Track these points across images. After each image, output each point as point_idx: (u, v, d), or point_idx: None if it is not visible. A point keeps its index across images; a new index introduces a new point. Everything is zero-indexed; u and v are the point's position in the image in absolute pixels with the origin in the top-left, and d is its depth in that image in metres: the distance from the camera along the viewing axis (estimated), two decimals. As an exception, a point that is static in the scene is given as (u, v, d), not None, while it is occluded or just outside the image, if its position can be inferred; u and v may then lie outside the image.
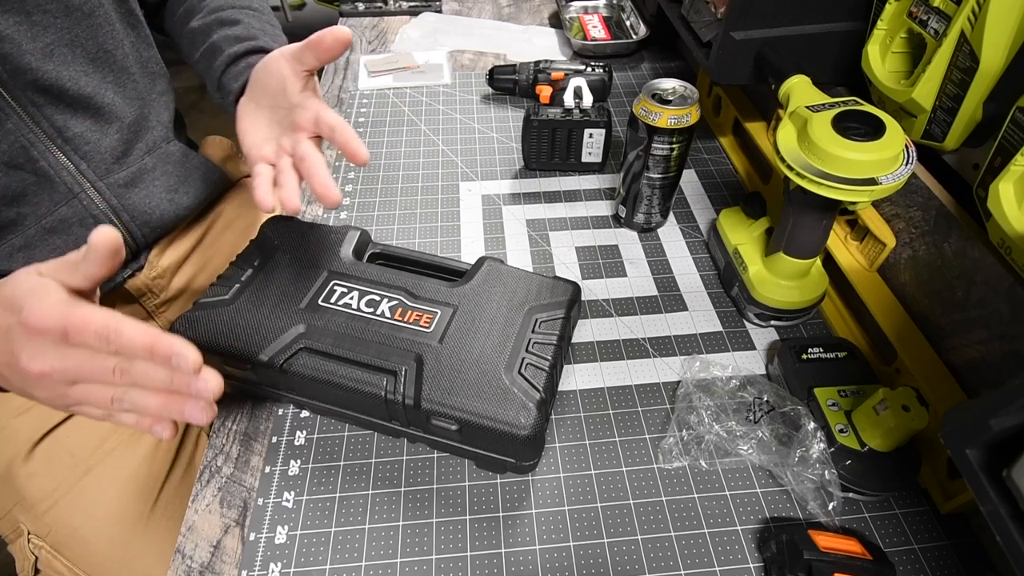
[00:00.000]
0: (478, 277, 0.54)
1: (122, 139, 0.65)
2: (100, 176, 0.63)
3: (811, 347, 0.55)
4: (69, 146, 0.60)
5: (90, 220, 0.62)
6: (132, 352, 0.37)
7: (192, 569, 0.47)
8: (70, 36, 0.59)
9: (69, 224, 0.61)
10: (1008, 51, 0.45)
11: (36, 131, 0.58)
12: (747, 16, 0.61)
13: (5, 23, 0.54)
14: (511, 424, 0.44)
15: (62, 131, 0.59)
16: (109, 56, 0.63)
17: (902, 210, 0.56)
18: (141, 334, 0.37)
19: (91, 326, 0.37)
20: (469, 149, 0.85)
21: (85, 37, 0.60)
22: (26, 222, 0.59)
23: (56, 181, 0.60)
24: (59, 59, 0.58)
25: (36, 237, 0.60)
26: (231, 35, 0.65)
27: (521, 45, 1.08)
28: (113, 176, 0.64)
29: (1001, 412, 0.30)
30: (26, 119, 0.57)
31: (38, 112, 0.57)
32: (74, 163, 0.61)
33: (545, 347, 0.49)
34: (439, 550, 0.47)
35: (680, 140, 0.63)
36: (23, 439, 0.62)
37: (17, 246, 0.59)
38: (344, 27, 0.49)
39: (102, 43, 0.62)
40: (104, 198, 0.63)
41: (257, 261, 0.55)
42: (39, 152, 0.58)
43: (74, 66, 0.59)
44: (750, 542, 0.47)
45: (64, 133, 0.60)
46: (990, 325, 0.47)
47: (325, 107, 0.53)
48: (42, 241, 0.60)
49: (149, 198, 0.67)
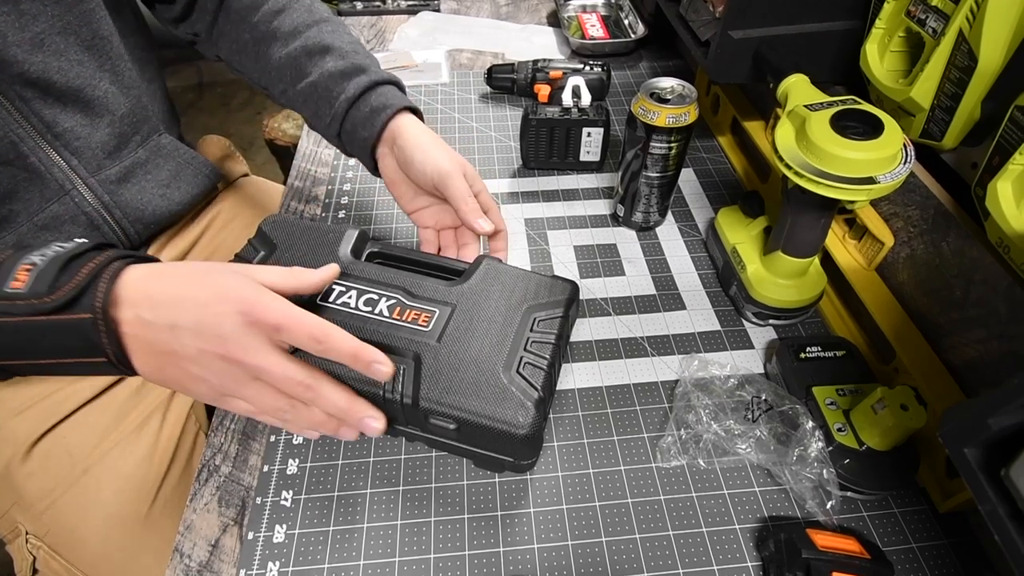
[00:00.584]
0: (476, 276, 0.53)
1: (114, 133, 0.64)
2: (91, 172, 0.62)
3: (809, 346, 0.55)
4: (59, 142, 0.59)
5: (82, 217, 0.62)
6: (339, 355, 0.41)
7: (191, 568, 0.47)
8: (62, 23, 0.57)
9: (61, 221, 0.61)
10: (1006, 50, 0.45)
11: (25, 126, 0.57)
12: (745, 15, 0.61)
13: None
14: (509, 423, 0.44)
15: (51, 126, 0.59)
16: (105, 43, 0.61)
17: (900, 209, 0.56)
18: (348, 340, 0.41)
19: (305, 327, 0.40)
20: (467, 148, 0.85)
21: (79, 24, 0.59)
22: (18, 219, 0.59)
23: (47, 178, 0.59)
24: (50, 48, 0.57)
25: (28, 234, 0.59)
26: (335, 72, 0.60)
27: (519, 44, 1.08)
28: (104, 172, 0.63)
29: (999, 411, 0.30)
30: (14, 113, 0.56)
31: (26, 106, 0.56)
32: (64, 159, 0.60)
33: (543, 346, 0.49)
34: (437, 549, 0.47)
35: (678, 139, 0.63)
36: (21, 439, 0.62)
37: (9, 244, 0.58)
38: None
39: (96, 29, 0.60)
40: (96, 195, 0.63)
41: (255, 260, 0.55)
42: (29, 148, 0.57)
43: (68, 55, 0.58)
44: (748, 541, 0.47)
45: (54, 128, 0.59)
46: (988, 324, 0.47)
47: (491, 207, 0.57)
48: (34, 238, 0.59)
49: (141, 194, 0.67)
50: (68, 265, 0.40)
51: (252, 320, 0.39)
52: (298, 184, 0.80)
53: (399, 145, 0.57)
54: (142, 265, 0.41)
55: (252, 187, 0.87)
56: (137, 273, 0.40)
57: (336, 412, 0.43)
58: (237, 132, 2.44)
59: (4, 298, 0.38)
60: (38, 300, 0.38)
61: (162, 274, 0.41)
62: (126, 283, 0.40)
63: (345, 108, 0.59)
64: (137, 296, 0.39)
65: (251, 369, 0.40)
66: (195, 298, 0.40)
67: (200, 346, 0.39)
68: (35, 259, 0.40)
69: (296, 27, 0.63)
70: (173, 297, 0.40)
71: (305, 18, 0.64)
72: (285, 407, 0.42)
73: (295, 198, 0.78)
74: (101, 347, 0.39)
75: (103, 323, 0.38)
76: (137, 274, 0.40)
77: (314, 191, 0.79)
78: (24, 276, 0.39)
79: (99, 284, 0.39)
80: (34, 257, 0.40)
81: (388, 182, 0.61)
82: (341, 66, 0.60)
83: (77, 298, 0.38)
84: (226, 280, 0.41)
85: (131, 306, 0.39)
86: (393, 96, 0.59)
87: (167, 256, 0.73)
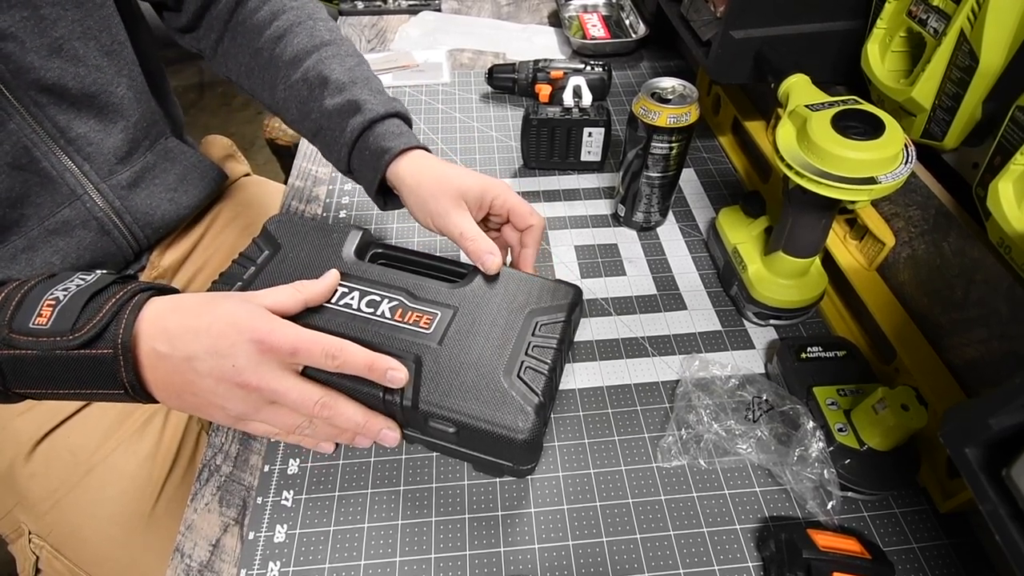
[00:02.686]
0: (479, 279, 0.53)
1: (127, 138, 0.64)
2: (103, 177, 0.62)
3: (810, 346, 0.55)
4: (72, 147, 0.60)
5: (92, 222, 0.62)
6: (355, 367, 0.43)
7: (191, 568, 0.47)
8: (82, 28, 0.57)
9: (72, 226, 0.61)
10: (1008, 50, 0.44)
11: (39, 131, 0.57)
12: (746, 15, 0.61)
13: (10, 20, 0.52)
14: (508, 428, 0.44)
15: (65, 131, 0.59)
16: (123, 48, 0.62)
17: (901, 209, 0.56)
18: (362, 352, 0.44)
19: (319, 345, 0.42)
20: (468, 148, 0.85)
21: (99, 28, 0.59)
22: (28, 223, 0.59)
23: (59, 182, 0.59)
24: (68, 54, 0.57)
25: (39, 238, 0.59)
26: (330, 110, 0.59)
27: (520, 44, 1.08)
28: (116, 177, 0.63)
29: (1000, 411, 0.30)
30: (28, 119, 0.56)
31: (40, 112, 0.57)
32: (76, 164, 0.60)
33: (545, 351, 0.49)
34: (438, 549, 0.47)
35: (679, 139, 0.63)
36: (24, 439, 0.62)
37: (20, 247, 0.58)
38: None
39: (115, 35, 0.61)
40: (107, 200, 0.63)
41: (260, 259, 0.55)
42: (41, 153, 0.57)
43: (86, 61, 0.58)
44: (749, 541, 0.47)
45: (67, 133, 0.59)
46: (989, 324, 0.47)
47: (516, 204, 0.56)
48: (44, 242, 0.59)
49: (150, 199, 0.67)
50: (90, 302, 0.41)
51: (266, 348, 0.41)
52: (299, 184, 0.80)
53: (402, 194, 0.57)
54: (162, 298, 0.43)
55: (253, 187, 0.87)
56: (156, 308, 0.42)
57: (353, 427, 0.46)
58: (238, 132, 2.44)
59: (29, 334, 0.40)
60: (61, 337, 0.40)
61: (178, 307, 0.43)
62: (145, 318, 0.42)
63: (347, 152, 0.58)
64: (154, 330, 0.41)
65: (268, 394, 0.42)
66: (208, 329, 0.41)
67: (217, 376, 0.41)
68: (59, 294, 0.41)
69: (297, 55, 0.61)
70: (188, 329, 0.41)
71: (306, 44, 0.62)
72: (304, 425, 0.45)
73: (296, 198, 0.78)
74: (120, 380, 0.41)
75: (123, 358, 0.40)
76: (155, 309, 0.42)
77: (315, 191, 0.79)
78: (48, 312, 0.40)
79: (120, 320, 0.41)
80: (58, 292, 0.41)
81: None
82: (338, 103, 0.58)
83: (99, 335, 0.40)
84: (236, 310, 0.42)
85: (148, 339, 0.41)
86: (390, 138, 0.57)
87: (171, 257, 0.73)
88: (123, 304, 0.42)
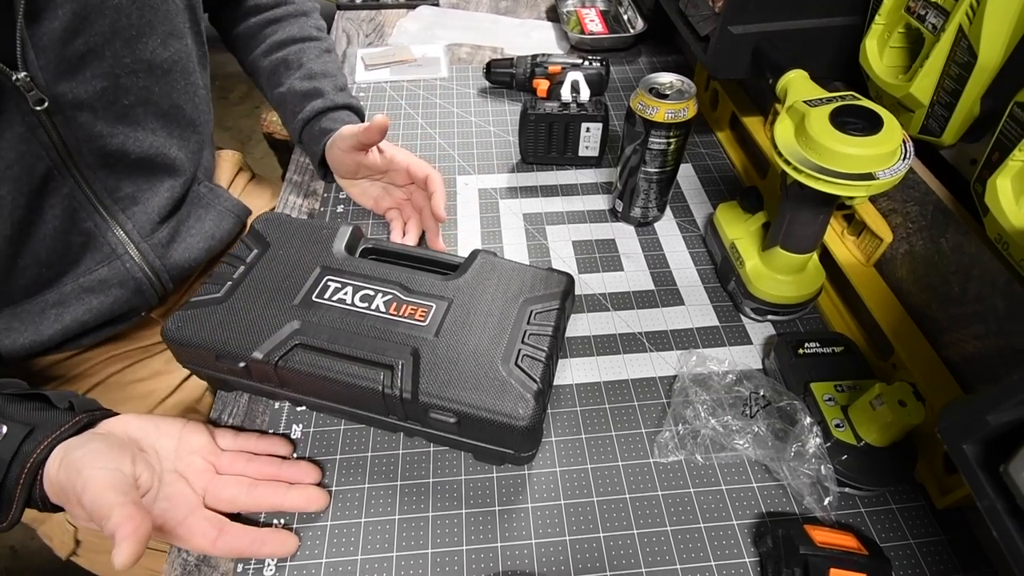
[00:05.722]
0: (472, 270, 0.53)
1: (172, 196, 0.63)
2: (144, 236, 0.61)
3: (808, 342, 0.55)
4: (117, 206, 0.59)
5: (130, 282, 0.61)
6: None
7: (188, 562, 0.47)
8: (146, 94, 0.58)
9: (108, 285, 0.59)
10: (1006, 46, 0.44)
11: (88, 192, 0.56)
12: (745, 10, 0.61)
13: (91, 88, 0.52)
14: (510, 415, 0.44)
15: (113, 191, 0.58)
16: (179, 111, 0.62)
17: (899, 205, 0.56)
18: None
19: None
20: (466, 143, 0.85)
21: (160, 95, 0.59)
22: (63, 280, 0.57)
23: (100, 242, 0.58)
24: (131, 120, 0.57)
25: (71, 295, 0.58)
26: (299, 91, 0.72)
27: (518, 39, 1.08)
28: (156, 236, 0.62)
29: (998, 407, 0.30)
30: (81, 182, 0.55)
31: (92, 174, 0.55)
32: (119, 223, 0.59)
33: (541, 338, 0.49)
34: (435, 544, 0.47)
35: (677, 134, 0.63)
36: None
37: (51, 303, 0.57)
38: (382, 115, 0.61)
39: (175, 99, 0.61)
40: (146, 259, 0.61)
41: (249, 258, 0.55)
42: (87, 213, 0.56)
43: (144, 124, 0.58)
44: (746, 537, 0.47)
45: (115, 194, 0.58)
46: (987, 320, 0.47)
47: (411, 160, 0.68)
48: (77, 299, 0.58)
49: (188, 251, 0.65)
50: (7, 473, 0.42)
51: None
52: (296, 178, 0.80)
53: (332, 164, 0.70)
54: (52, 459, 0.43)
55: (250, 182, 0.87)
56: (54, 465, 0.43)
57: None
58: (235, 125, 2.43)
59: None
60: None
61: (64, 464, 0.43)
62: (48, 478, 0.43)
63: (301, 127, 0.72)
64: (51, 487, 0.43)
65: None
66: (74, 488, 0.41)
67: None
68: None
69: (284, 40, 0.76)
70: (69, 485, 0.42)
71: (295, 33, 0.76)
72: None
73: (293, 192, 0.78)
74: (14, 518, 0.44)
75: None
76: (53, 467, 0.43)
77: (312, 185, 0.78)
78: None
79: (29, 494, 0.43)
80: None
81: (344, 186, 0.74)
82: (306, 87, 0.72)
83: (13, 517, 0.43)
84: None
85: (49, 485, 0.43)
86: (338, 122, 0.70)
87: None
88: (30, 485, 0.43)
